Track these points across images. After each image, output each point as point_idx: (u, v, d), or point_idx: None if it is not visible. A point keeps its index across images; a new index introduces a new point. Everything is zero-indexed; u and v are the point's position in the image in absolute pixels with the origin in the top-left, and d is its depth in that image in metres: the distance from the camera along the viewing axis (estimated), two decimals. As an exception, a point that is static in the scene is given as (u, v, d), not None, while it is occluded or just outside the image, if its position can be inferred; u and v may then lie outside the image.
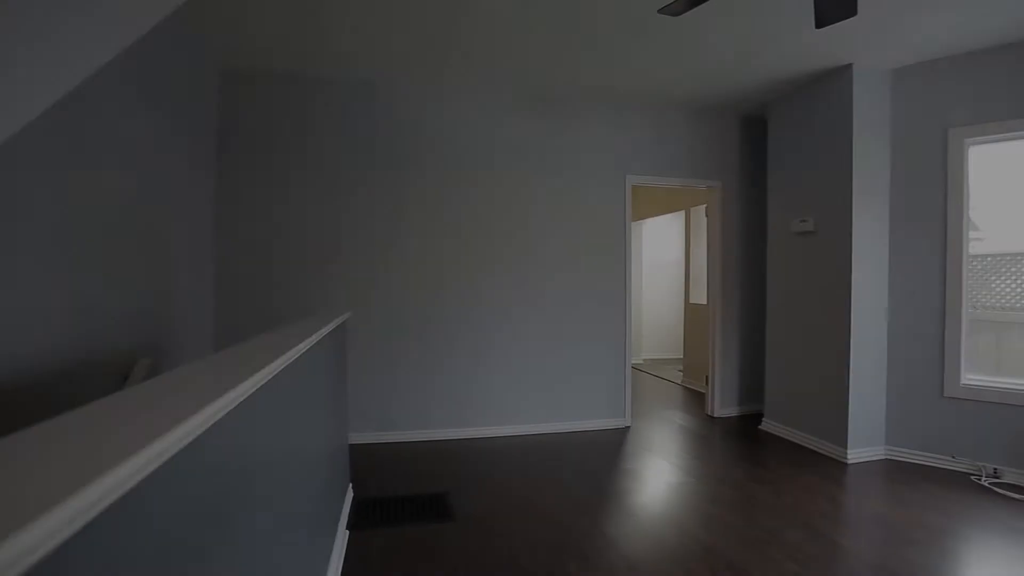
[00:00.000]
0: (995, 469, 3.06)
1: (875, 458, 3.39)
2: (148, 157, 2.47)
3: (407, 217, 3.78)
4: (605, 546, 2.26)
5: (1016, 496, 2.80)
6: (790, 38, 3.03)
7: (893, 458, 3.40)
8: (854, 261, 3.35)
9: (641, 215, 6.76)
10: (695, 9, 2.64)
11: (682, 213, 6.24)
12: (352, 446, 3.55)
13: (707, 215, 4.60)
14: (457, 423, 3.86)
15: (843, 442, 3.37)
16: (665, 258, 7.92)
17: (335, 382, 2.30)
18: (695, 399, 5.12)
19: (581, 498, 2.77)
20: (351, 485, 2.80)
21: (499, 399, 3.94)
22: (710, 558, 2.16)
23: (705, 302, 4.73)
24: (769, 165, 4.10)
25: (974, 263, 3.21)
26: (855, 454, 3.35)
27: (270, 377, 0.96)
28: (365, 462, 3.28)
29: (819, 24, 2.05)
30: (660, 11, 2.05)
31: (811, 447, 3.62)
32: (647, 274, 7.65)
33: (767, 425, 4.06)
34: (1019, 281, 3.09)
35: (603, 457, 3.45)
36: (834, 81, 3.49)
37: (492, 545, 2.26)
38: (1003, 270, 3.14)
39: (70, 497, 0.34)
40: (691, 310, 5.74)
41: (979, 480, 3.02)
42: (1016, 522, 2.51)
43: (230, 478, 0.78)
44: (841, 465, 3.29)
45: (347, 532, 2.32)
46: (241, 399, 0.76)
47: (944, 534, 2.39)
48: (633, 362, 7.11)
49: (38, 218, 1.71)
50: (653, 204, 6.47)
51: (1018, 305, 3.10)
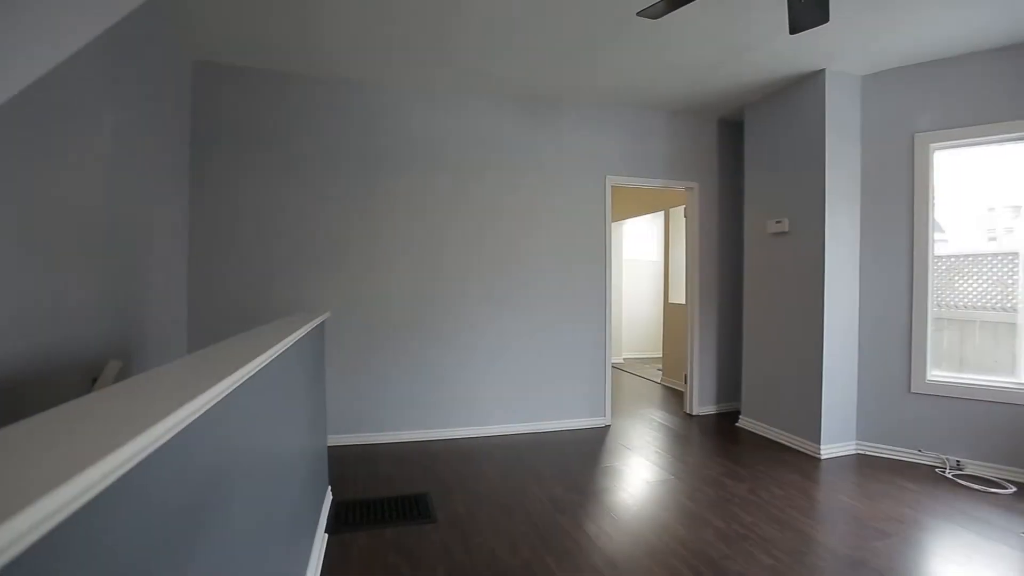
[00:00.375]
0: (958, 461, 3.18)
1: (846, 453, 3.49)
2: (118, 151, 2.40)
3: (387, 217, 3.75)
4: (586, 544, 2.28)
5: (976, 487, 2.92)
6: (766, 43, 3.10)
7: (863, 452, 3.50)
8: (827, 261, 3.44)
9: (621, 215, 6.82)
10: (673, 13, 2.68)
11: (661, 214, 6.33)
12: (331, 448, 3.50)
13: (685, 216, 4.67)
14: (438, 424, 3.85)
15: (816, 438, 3.46)
16: (645, 258, 8.01)
17: (313, 383, 2.27)
18: (674, 397, 5.20)
19: (562, 497, 2.79)
20: (330, 488, 2.77)
21: (480, 399, 3.94)
22: (688, 554, 2.20)
23: (684, 302, 4.80)
24: (746, 167, 4.18)
25: (939, 264, 3.33)
26: (828, 449, 3.44)
27: (245, 379, 0.94)
28: (345, 464, 3.24)
29: (793, 30, 2.10)
30: (639, 13, 2.08)
31: (786, 443, 3.70)
32: (627, 274, 7.73)
33: (744, 422, 4.14)
34: (980, 281, 3.22)
35: (584, 456, 3.47)
36: (807, 86, 3.57)
37: (473, 544, 2.26)
38: (966, 270, 3.27)
39: (31, 505, 0.33)
40: (670, 309, 5.82)
41: (943, 472, 3.13)
42: (976, 511, 2.61)
43: (202, 483, 0.76)
44: (814, 460, 3.37)
45: (326, 536, 2.29)
46: (214, 402, 0.75)
47: (911, 525, 2.47)
48: (613, 361, 7.18)
49: (0, 215, 1.64)
50: (633, 205, 6.54)
51: (979, 304, 3.23)
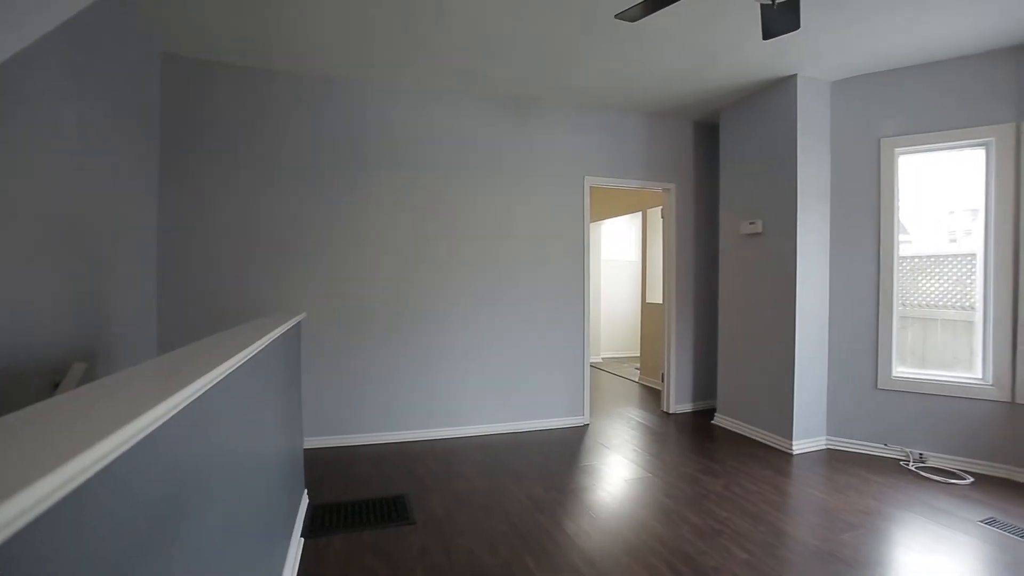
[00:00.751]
0: (920, 454, 3.30)
1: (817, 448, 3.59)
2: (83, 146, 2.31)
3: (366, 217, 3.70)
4: (565, 543, 2.29)
5: (937, 478, 3.04)
6: (740, 48, 3.16)
7: (833, 447, 3.61)
8: (799, 262, 3.53)
9: (599, 216, 6.89)
10: (651, 17, 2.72)
11: (639, 214, 6.41)
12: (308, 451, 3.45)
13: (662, 216, 4.74)
14: (417, 425, 3.82)
15: (788, 434, 3.55)
16: (623, 258, 8.10)
17: (289, 385, 2.23)
18: (652, 396, 5.27)
19: (541, 496, 2.80)
20: (306, 491, 2.72)
21: (459, 400, 3.92)
22: (665, 550, 2.23)
23: (661, 301, 4.87)
24: (721, 169, 4.27)
25: (904, 264, 3.45)
26: (799, 445, 3.53)
27: (216, 382, 0.92)
28: (322, 467, 3.19)
29: (766, 36, 2.15)
30: (617, 16, 2.10)
31: (759, 439, 3.79)
32: (605, 274, 7.80)
33: (719, 420, 4.22)
34: (941, 281, 3.36)
35: (563, 455, 3.49)
36: (780, 90, 3.66)
37: (452, 545, 2.25)
38: (928, 271, 3.40)
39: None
40: (648, 309, 5.90)
41: (907, 465, 3.25)
42: (936, 502, 2.72)
43: (171, 489, 0.74)
44: (787, 456, 3.46)
45: (302, 540, 2.25)
46: (183, 405, 0.73)
47: (876, 516, 2.56)
48: (592, 361, 7.24)
49: (-46, 212, 1.57)
50: (611, 205, 6.61)
51: (940, 303, 3.36)
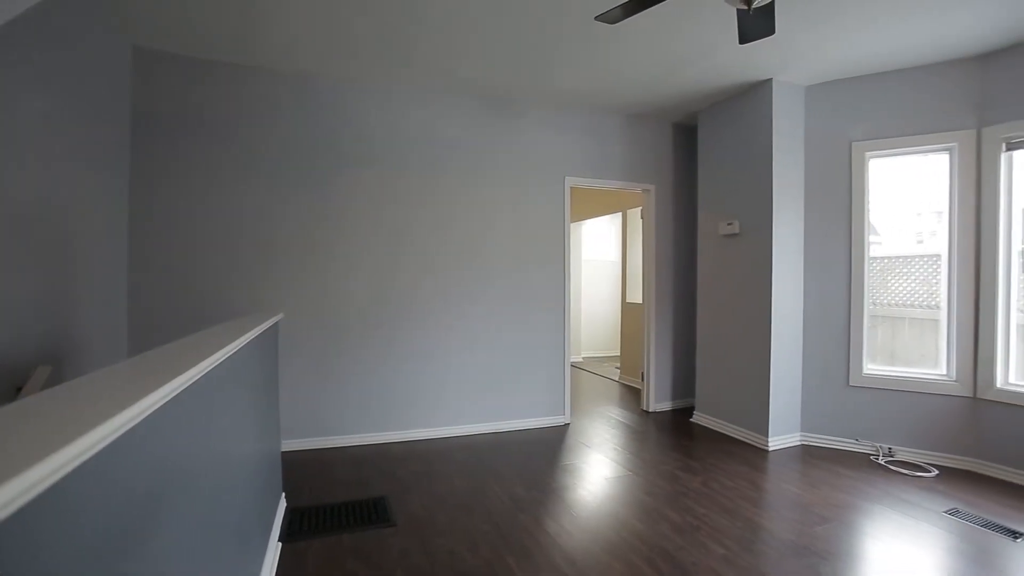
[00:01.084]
0: (889, 448, 3.41)
1: (792, 444, 3.67)
2: (48, 141, 2.23)
3: (345, 216, 3.65)
4: (546, 542, 2.30)
5: (905, 472, 3.14)
6: (717, 52, 3.22)
7: (807, 443, 3.70)
8: (774, 262, 3.61)
9: (580, 216, 6.93)
10: (630, 19, 2.74)
11: (619, 215, 6.47)
12: (286, 453, 3.39)
13: (642, 217, 4.79)
14: (397, 426, 3.79)
15: (764, 431, 3.63)
16: (603, 258, 8.17)
17: (266, 387, 2.18)
18: (631, 395, 5.32)
19: (522, 495, 2.80)
20: (284, 495, 2.67)
21: (440, 400, 3.90)
22: (645, 548, 2.25)
23: (641, 301, 4.92)
24: (699, 170, 4.33)
25: (874, 264, 3.56)
26: (775, 441, 3.61)
27: (188, 384, 0.90)
28: (300, 470, 3.14)
29: (742, 40, 2.19)
30: (597, 18, 2.11)
31: (736, 436, 3.86)
32: (586, 274, 7.86)
33: (698, 417, 4.29)
34: (909, 280, 3.47)
35: (544, 454, 3.50)
36: (756, 94, 3.74)
37: (433, 545, 2.24)
38: (897, 271, 3.51)
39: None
40: (628, 309, 5.96)
41: (877, 459, 3.35)
42: (904, 494, 2.82)
43: (141, 494, 0.72)
44: (763, 452, 3.53)
45: (279, 544, 2.21)
46: (153, 409, 0.71)
47: (847, 509, 2.63)
48: (573, 360, 7.28)
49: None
50: (592, 206, 6.66)
51: (908, 302, 3.48)
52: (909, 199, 3.51)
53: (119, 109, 3.04)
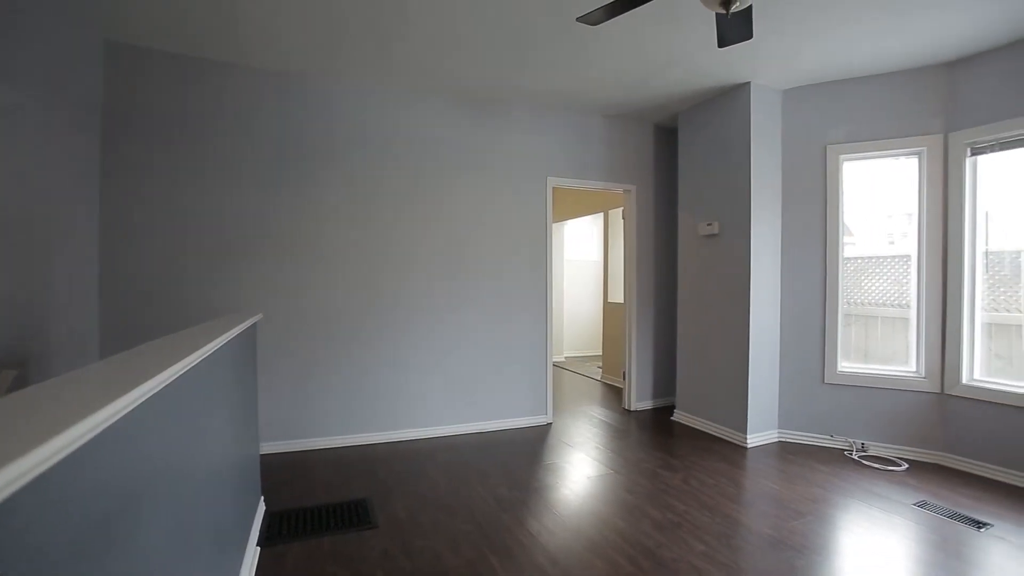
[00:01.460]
0: (863, 444, 3.50)
1: (769, 441, 3.75)
2: (12, 137, 2.15)
3: (327, 216, 3.60)
4: (529, 541, 2.31)
5: (877, 466, 3.23)
6: (697, 55, 3.26)
7: (784, 440, 3.77)
8: (753, 263, 3.67)
9: (562, 216, 6.96)
10: (611, 21, 2.77)
11: (601, 215, 6.51)
12: (266, 456, 3.33)
13: (623, 217, 4.83)
14: (379, 427, 3.75)
15: (743, 428, 3.69)
16: (585, 258, 8.22)
17: (243, 388, 2.14)
18: (613, 394, 5.36)
19: (504, 495, 2.80)
20: (263, 498, 2.63)
21: (423, 401, 3.88)
22: (627, 545, 2.27)
23: (622, 301, 4.97)
24: (679, 171, 4.39)
25: (848, 265, 3.65)
26: (753, 438, 3.68)
27: (162, 387, 0.88)
28: (281, 473, 3.09)
29: (721, 44, 2.23)
30: (578, 19, 2.12)
31: (716, 434, 3.92)
32: (568, 274, 7.90)
33: (678, 416, 4.34)
34: (881, 280, 3.57)
35: (526, 454, 3.51)
36: (734, 97, 3.80)
37: (415, 547, 2.22)
38: (870, 271, 3.61)
39: None
40: (609, 308, 6.00)
41: (851, 454, 3.44)
42: (876, 488, 2.90)
43: (108, 502, 0.70)
44: (741, 449, 3.60)
45: (258, 549, 2.17)
46: (124, 412, 0.69)
47: (822, 504, 2.70)
48: (555, 360, 7.32)
49: None
50: (574, 206, 6.69)
51: (880, 301, 3.58)
52: (881, 201, 3.61)
53: (89, 105, 2.94)
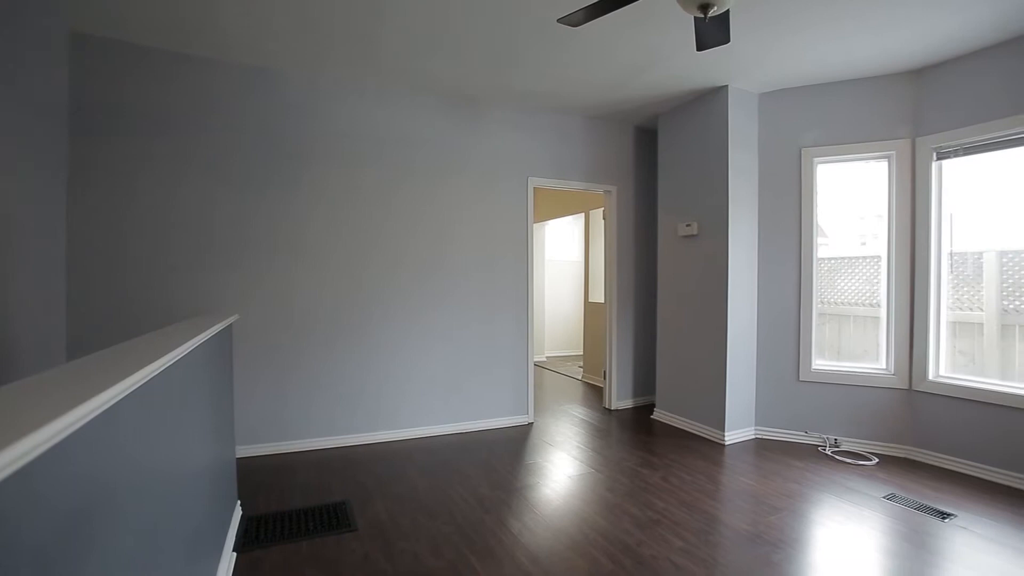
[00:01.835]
0: (835, 439, 3.60)
1: (747, 438, 3.82)
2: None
3: (307, 216, 3.55)
4: (510, 541, 2.31)
5: (849, 461, 3.32)
6: (676, 58, 3.31)
7: (761, 437, 3.85)
8: (730, 263, 3.74)
9: (543, 217, 6.98)
10: (592, 23, 2.79)
11: (582, 215, 6.55)
12: (243, 460, 3.27)
13: (604, 218, 4.87)
14: (359, 428, 3.71)
15: (721, 426, 3.75)
16: (566, 258, 8.26)
17: (219, 391, 2.10)
18: (594, 393, 5.40)
19: (486, 495, 2.80)
20: (239, 503, 2.57)
21: (404, 401, 3.85)
22: (607, 543, 2.29)
23: (603, 301, 5.01)
24: (659, 172, 4.44)
25: (822, 265, 3.74)
26: (731, 436, 3.74)
27: (131, 390, 0.85)
28: (260, 476, 3.03)
29: (699, 47, 2.26)
30: (559, 20, 2.13)
31: (695, 432, 3.98)
32: (549, 274, 7.92)
33: (658, 414, 4.39)
34: (853, 280, 3.67)
35: (507, 454, 3.51)
36: (712, 99, 3.87)
37: (396, 549, 2.21)
38: (843, 271, 3.71)
39: None
40: (590, 308, 6.04)
41: (824, 450, 3.53)
42: (849, 482, 2.98)
43: (73, 508, 0.68)
44: (719, 447, 3.66)
45: (234, 555, 2.12)
46: (91, 417, 0.67)
47: (797, 499, 2.76)
48: (536, 360, 7.34)
49: None
50: (555, 206, 6.72)
51: (853, 300, 3.68)
52: (854, 203, 3.71)
53: (56, 100, 2.84)
